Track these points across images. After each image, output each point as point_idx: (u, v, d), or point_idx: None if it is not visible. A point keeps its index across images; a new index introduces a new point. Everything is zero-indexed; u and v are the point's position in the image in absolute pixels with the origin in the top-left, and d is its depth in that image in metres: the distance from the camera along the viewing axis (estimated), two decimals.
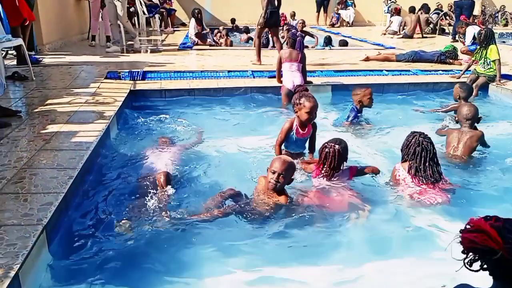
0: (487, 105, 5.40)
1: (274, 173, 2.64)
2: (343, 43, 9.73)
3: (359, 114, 4.46)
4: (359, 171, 3.10)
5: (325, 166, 2.96)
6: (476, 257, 1.24)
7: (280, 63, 5.27)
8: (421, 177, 2.86)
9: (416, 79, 6.25)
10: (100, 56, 7.36)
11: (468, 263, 1.25)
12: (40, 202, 2.33)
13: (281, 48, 6.72)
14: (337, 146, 2.95)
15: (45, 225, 2.13)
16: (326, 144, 3.01)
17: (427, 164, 2.86)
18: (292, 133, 3.39)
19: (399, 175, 2.97)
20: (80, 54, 7.38)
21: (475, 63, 6.06)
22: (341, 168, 2.98)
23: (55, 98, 4.56)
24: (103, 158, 3.37)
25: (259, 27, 6.68)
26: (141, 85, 5.42)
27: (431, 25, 12.43)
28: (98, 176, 3.08)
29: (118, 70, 5.99)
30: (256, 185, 2.82)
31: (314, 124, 3.47)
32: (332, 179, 2.97)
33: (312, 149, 3.53)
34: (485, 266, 1.24)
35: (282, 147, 3.45)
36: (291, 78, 5.07)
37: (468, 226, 1.26)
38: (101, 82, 5.40)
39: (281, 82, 5.32)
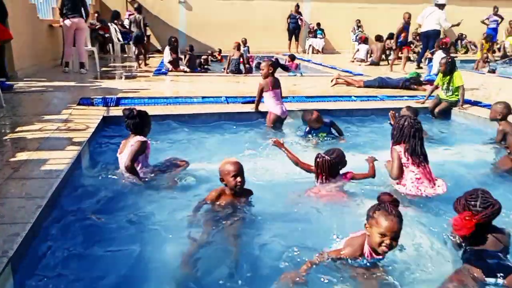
0: (450, 129, 5.68)
1: (237, 175, 2.69)
2: (292, 57, 11.21)
3: (309, 135, 4.88)
4: (354, 176, 3.30)
5: (319, 175, 3.22)
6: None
7: (261, 92, 5.30)
8: (415, 156, 3.24)
9: (383, 104, 6.52)
10: (74, 82, 7.33)
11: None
12: (6, 233, 2.29)
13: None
14: (327, 157, 3.18)
15: (10, 257, 2.09)
16: (318, 154, 3.25)
17: (419, 142, 3.27)
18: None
19: (401, 157, 3.27)
20: (53, 81, 7.31)
21: (437, 88, 6.40)
22: (338, 173, 3.25)
23: (25, 125, 4.50)
24: (74, 187, 3.32)
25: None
26: (115, 112, 5.42)
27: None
28: (69, 205, 3.02)
29: (91, 96, 5.98)
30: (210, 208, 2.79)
31: None
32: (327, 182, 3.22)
33: None
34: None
35: None
36: (279, 105, 5.26)
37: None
38: (74, 109, 5.37)
39: (258, 109, 5.50)
